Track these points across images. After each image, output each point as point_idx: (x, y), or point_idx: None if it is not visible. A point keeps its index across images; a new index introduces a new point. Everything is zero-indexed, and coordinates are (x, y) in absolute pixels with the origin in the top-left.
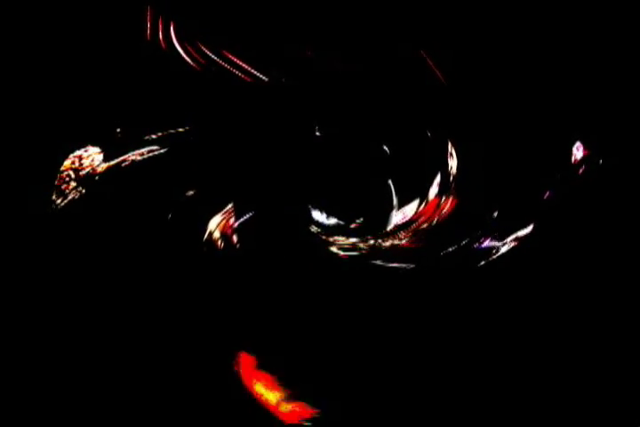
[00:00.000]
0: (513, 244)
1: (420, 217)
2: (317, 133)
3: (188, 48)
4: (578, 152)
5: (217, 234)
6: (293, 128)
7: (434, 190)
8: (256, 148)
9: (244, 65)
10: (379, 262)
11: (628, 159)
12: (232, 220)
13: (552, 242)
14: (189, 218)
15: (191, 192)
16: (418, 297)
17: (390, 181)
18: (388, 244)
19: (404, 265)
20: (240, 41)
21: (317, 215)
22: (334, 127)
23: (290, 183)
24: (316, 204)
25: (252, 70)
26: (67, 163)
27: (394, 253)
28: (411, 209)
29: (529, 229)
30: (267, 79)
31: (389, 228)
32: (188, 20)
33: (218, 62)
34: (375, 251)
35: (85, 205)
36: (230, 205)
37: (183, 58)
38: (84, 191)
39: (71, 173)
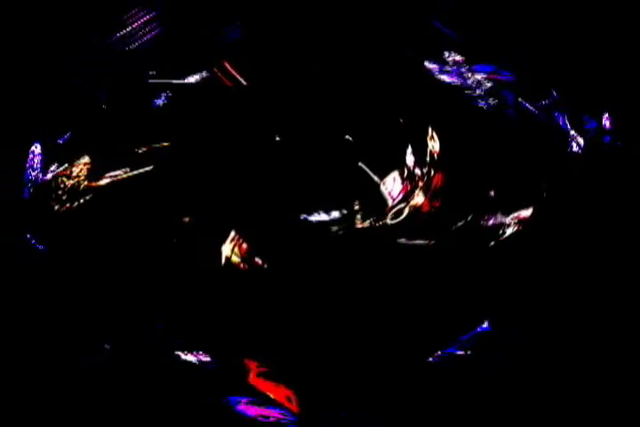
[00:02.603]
0: (516, 227)
1: (411, 193)
2: (277, 138)
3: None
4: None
5: (235, 258)
6: (258, 136)
7: (415, 167)
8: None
9: (229, 68)
10: (403, 241)
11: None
12: (245, 244)
13: (552, 225)
14: (193, 242)
15: (187, 218)
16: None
17: (362, 164)
18: (399, 220)
19: (424, 242)
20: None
21: (317, 217)
22: (293, 129)
23: (278, 192)
24: (308, 207)
25: (235, 73)
26: (59, 170)
27: (409, 229)
28: (397, 186)
29: (529, 210)
30: (246, 83)
31: (390, 203)
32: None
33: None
34: (393, 229)
35: (81, 215)
36: (234, 232)
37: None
38: (77, 202)
39: (65, 179)
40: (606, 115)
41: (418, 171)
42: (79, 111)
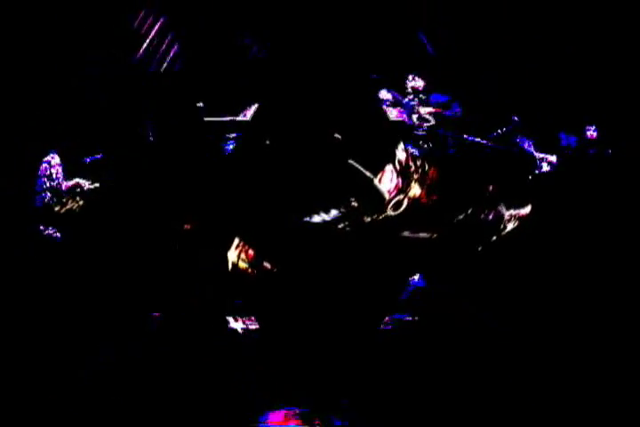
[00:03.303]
0: (517, 222)
1: (407, 185)
2: (267, 142)
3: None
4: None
5: (243, 264)
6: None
7: (408, 161)
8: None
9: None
10: (407, 234)
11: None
12: (251, 251)
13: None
14: (192, 249)
15: (188, 226)
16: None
17: (352, 161)
18: (400, 211)
19: (428, 235)
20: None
21: (319, 218)
22: (282, 134)
23: (278, 199)
24: (307, 210)
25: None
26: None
27: (412, 222)
28: (392, 180)
29: (528, 206)
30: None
31: (387, 196)
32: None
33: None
34: (397, 221)
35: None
36: (238, 240)
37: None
38: (81, 203)
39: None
40: (592, 127)
41: (411, 164)
42: (113, 135)
